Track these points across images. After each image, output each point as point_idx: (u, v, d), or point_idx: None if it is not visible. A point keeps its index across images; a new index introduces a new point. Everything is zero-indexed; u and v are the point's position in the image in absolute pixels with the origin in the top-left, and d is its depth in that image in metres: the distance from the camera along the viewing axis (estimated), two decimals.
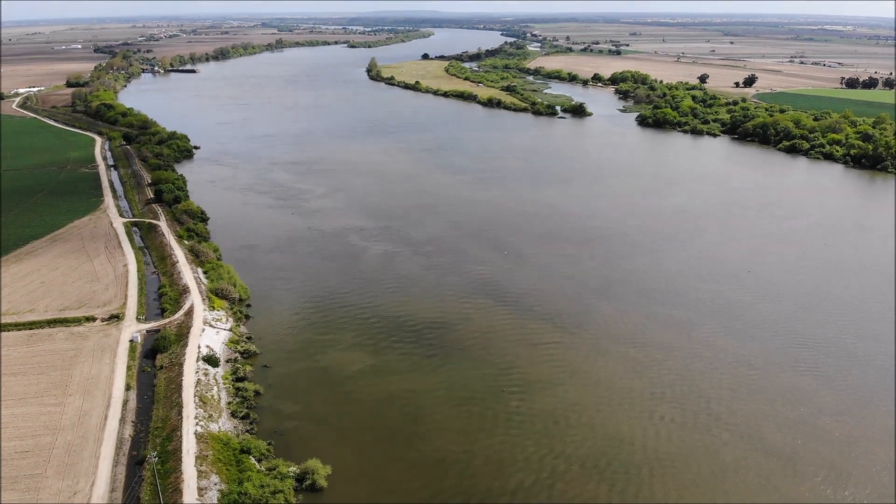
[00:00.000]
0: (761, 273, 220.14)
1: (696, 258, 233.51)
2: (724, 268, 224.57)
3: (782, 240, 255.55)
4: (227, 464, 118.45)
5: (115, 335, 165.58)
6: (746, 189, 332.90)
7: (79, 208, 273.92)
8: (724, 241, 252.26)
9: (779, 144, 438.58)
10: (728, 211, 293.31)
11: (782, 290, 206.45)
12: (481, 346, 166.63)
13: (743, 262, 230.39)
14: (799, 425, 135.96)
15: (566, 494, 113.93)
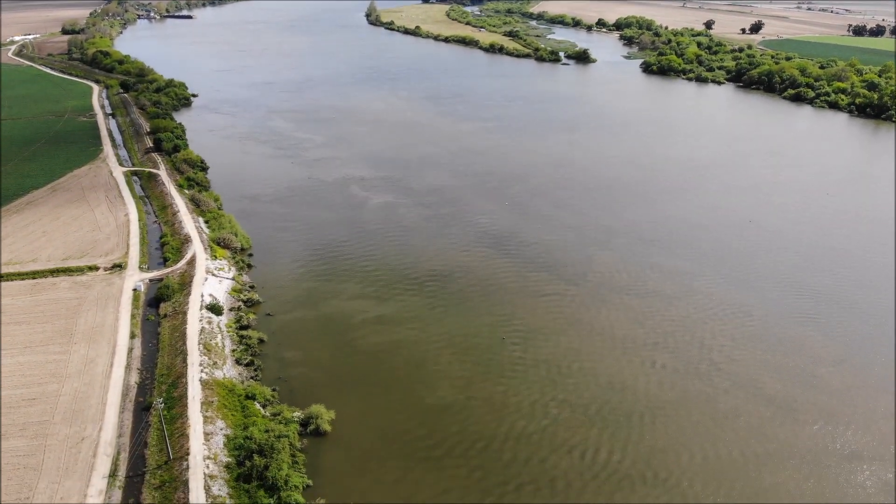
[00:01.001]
0: (763, 223, 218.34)
1: (698, 208, 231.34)
2: (726, 218, 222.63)
3: (785, 189, 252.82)
4: (233, 409, 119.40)
5: (118, 284, 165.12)
6: (750, 138, 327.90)
7: (78, 158, 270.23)
8: (727, 191, 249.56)
9: (784, 93, 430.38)
10: (731, 160, 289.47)
11: (784, 240, 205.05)
12: (482, 296, 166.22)
13: (746, 212, 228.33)
14: (797, 374, 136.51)
15: (565, 440, 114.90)
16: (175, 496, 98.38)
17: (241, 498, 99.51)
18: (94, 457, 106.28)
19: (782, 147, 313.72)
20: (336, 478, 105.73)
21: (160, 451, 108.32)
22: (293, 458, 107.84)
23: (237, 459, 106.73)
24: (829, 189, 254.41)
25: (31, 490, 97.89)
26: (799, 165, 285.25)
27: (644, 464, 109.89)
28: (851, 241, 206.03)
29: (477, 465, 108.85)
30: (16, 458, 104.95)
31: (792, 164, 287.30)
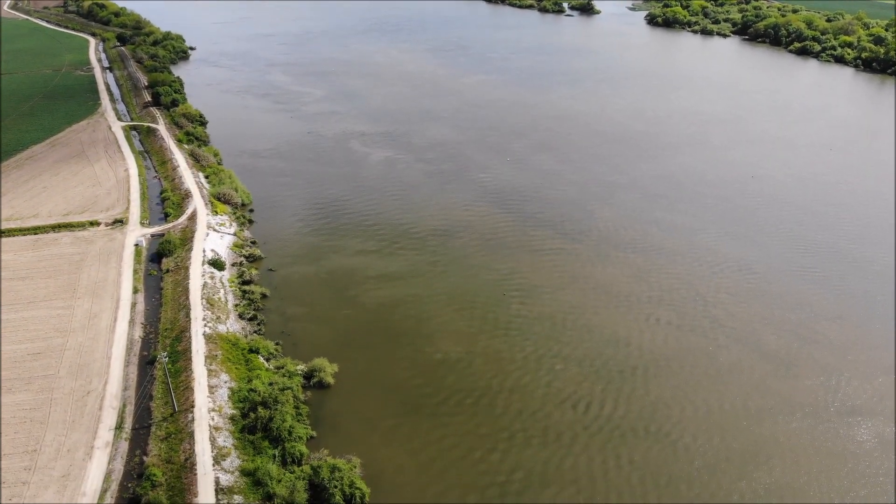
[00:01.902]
0: (767, 178, 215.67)
1: (701, 162, 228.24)
2: (729, 172, 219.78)
3: (789, 144, 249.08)
4: (236, 363, 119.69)
5: (119, 239, 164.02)
6: (755, 92, 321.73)
7: (76, 112, 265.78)
8: (731, 145, 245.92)
9: (790, 46, 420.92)
10: (736, 114, 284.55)
11: (787, 195, 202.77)
12: (484, 252, 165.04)
13: (749, 166, 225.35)
14: (797, 329, 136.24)
15: (564, 393, 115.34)
16: (181, 447, 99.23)
17: (247, 449, 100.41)
18: (100, 410, 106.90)
19: (787, 101, 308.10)
20: (339, 429, 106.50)
21: (165, 404, 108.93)
22: (297, 410, 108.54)
23: (241, 412, 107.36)
24: (833, 144, 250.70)
25: (38, 443, 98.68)
26: (803, 120, 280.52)
27: (642, 417, 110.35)
28: (854, 196, 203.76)
29: (477, 416, 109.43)
30: (22, 411, 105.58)
31: (797, 118, 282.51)
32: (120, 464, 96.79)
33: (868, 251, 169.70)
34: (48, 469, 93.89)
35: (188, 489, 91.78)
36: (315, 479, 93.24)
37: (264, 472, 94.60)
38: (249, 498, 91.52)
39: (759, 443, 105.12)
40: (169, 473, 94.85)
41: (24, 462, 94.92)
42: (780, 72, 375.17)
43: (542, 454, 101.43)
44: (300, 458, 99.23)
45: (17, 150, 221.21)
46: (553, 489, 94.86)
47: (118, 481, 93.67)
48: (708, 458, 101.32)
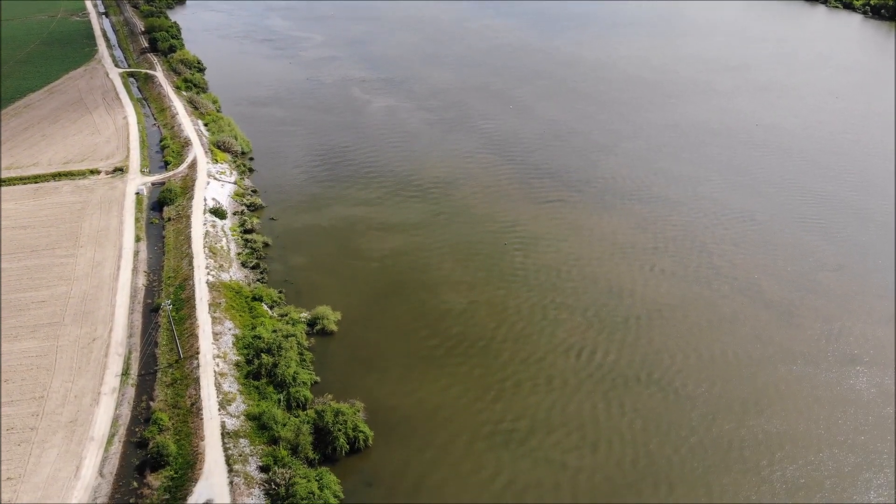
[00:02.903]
0: (772, 127, 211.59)
1: (706, 111, 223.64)
2: (734, 121, 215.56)
3: (795, 92, 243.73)
4: (240, 310, 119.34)
5: (120, 188, 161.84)
6: (762, 39, 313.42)
7: (73, 59, 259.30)
8: (737, 93, 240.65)
9: None
10: (742, 62, 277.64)
11: (791, 145, 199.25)
12: (486, 203, 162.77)
13: (754, 114, 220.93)
14: (798, 279, 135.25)
15: (563, 341, 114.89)
16: (187, 393, 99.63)
17: (252, 394, 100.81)
18: (106, 356, 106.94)
19: (794, 48, 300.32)
20: (342, 375, 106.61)
21: (170, 351, 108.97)
22: (301, 356, 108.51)
23: (246, 358, 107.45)
24: (839, 92, 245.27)
25: (45, 389, 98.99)
26: (810, 67, 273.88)
27: (643, 365, 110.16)
28: (858, 145, 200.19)
29: (477, 363, 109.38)
30: (28, 358, 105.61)
31: (803, 65, 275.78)
32: (127, 409, 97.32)
33: (871, 201, 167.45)
34: (56, 415, 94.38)
35: (195, 433, 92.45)
36: (319, 422, 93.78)
37: (269, 417, 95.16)
38: (255, 441, 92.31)
39: (758, 391, 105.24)
40: (175, 418, 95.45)
41: (32, 408, 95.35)
42: (788, 18, 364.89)
43: (544, 401, 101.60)
44: (305, 403, 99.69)
45: (14, 98, 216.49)
46: (556, 435, 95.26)
47: (125, 426, 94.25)
48: (708, 406, 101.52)
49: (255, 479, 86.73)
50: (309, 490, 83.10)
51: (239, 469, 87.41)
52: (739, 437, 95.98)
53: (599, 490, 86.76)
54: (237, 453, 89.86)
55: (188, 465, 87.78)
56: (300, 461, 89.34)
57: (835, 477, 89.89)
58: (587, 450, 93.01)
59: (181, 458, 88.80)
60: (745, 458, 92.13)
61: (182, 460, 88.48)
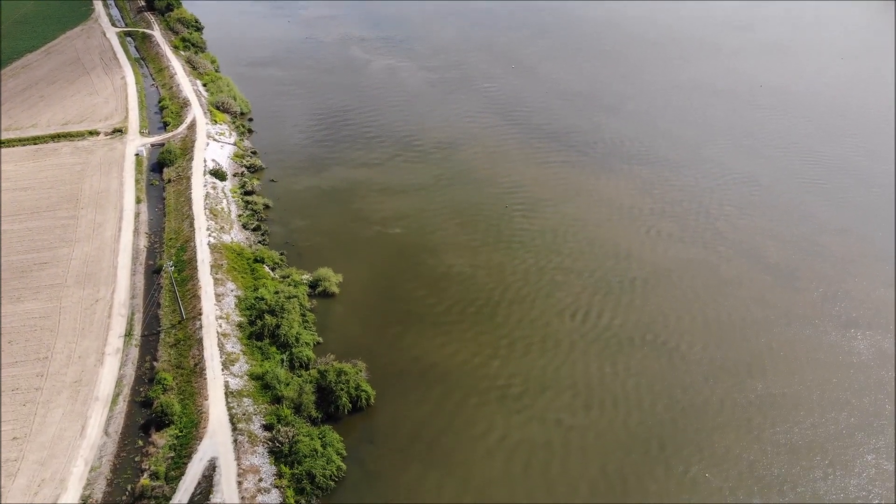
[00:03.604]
0: (777, 89, 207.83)
1: (711, 71, 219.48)
2: (739, 81, 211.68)
3: (801, 52, 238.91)
4: (242, 272, 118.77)
5: (120, 149, 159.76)
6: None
7: (69, 18, 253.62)
8: (742, 53, 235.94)
9: None
10: (749, 22, 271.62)
11: (796, 107, 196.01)
12: (488, 165, 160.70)
13: (759, 75, 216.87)
14: (800, 242, 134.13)
15: (564, 303, 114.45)
16: (190, 353, 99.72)
17: (255, 354, 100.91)
18: (109, 317, 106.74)
19: (801, 10, 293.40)
20: (344, 335, 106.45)
21: (173, 312, 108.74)
22: (303, 317, 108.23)
23: (249, 319, 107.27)
24: (845, 53, 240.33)
25: (50, 350, 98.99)
26: (817, 26, 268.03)
27: (640, 327, 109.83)
28: (864, 108, 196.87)
29: (477, 324, 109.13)
30: (32, 319, 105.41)
31: (810, 24, 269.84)
32: (131, 369, 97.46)
33: (875, 164, 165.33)
34: (60, 375, 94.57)
35: (199, 393, 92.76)
36: (322, 382, 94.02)
37: (273, 376, 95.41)
38: (259, 401, 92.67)
39: (757, 353, 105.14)
40: (179, 378, 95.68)
41: (37, 369, 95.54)
42: None
43: (540, 361, 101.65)
44: (307, 363, 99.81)
45: (12, 58, 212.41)
46: (551, 394, 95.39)
47: (130, 386, 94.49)
48: (705, 367, 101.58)
49: (259, 438, 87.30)
50: (312, 448, 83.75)
51: (243, 428, 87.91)
52: (737, 398, 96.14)
53: (592, 448, 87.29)
54: (241, 412, 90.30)
55: (192, 424, 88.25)
56: (303, 420, 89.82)
57: (833, 438, 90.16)
58: (581, 409, 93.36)
59: (185, 417, 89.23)
60: (742, 420, 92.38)
61: (186, 419, 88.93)
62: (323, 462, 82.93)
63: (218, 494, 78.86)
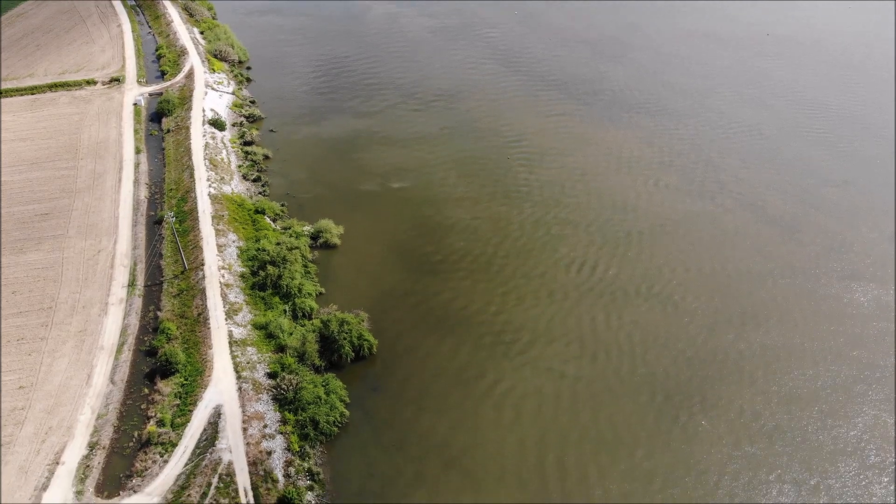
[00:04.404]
0: (783, 38, 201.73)
1: (717, 19, 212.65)
2: (744, 31, 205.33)
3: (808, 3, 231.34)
4: (243, 223, 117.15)
5: (117, 98, 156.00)
6: None
7: None
8: (750, 4, 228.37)
9: None
10: None
11: (802, 57, 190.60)
12: (491, 116, 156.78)
13: (765, 24, 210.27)
14: (803, 194, 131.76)
15: (564, 255, 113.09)
16: (193, 303, 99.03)
17: (258, 304, 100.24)
18: (112, 268, 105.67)
19: None
20: (346, 286, 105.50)
21: (175, 262, 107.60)
22: (305, 268, 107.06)
23: (251, 269, 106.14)
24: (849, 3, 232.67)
25: (54, 300, 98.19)
26: None
27: (640, 278, 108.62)
28: (871, 59, 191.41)
29: (480, 277, 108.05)
30: (35, 270, 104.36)
31: None
32: (135, 319, 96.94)
33: (880, 116, 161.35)
34: (65, 325, 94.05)
35: (203, 342, 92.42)
36: (325, 331, 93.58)
37: (276, 326, 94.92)
38: (262, 349, 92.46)
39: (758, 305, 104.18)
40: (183, 328, 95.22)
41: (41, 319, 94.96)
42: None
43: (545, 313, 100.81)
44: (310, 313, 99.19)
45: (7, 7, 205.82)
46: (556, 346, 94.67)
47: (134, 335, 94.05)
48: (706, 319, 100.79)
49: (263, 385, 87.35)
50: (316, 395, 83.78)
51: (247, 376, 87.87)
52: (737, 349, 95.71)
53: (598, 398, 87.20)
54: (245, 361, 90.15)
55: (197, 372, 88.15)
56: (307, 368, 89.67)
57: (831, 390, 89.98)
58: (586, 360, 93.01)
59: (190, 365, 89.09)
60: (742, 370, 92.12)
61: (191, 368, 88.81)
62: (326, 409, 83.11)
63: (223, 440, 79.29)
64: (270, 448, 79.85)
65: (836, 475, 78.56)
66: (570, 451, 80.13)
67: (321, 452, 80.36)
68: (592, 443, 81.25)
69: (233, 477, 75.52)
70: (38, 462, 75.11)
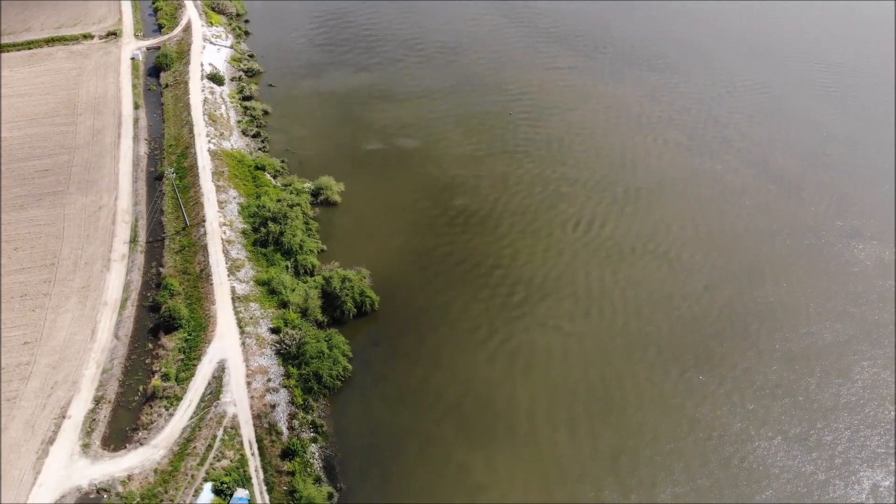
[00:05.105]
0: None
1: None
2: None
3: None
4: (244, 179, 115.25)
5: (115, 53, 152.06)
6: None
7: None
8: None
9: None
10: None
11: (812, 10, 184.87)
12: (493, 70, 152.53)
13: None
14: (808, 152, 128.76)
15: (566, 213, 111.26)
16: (195, 259, 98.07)
17: (260, 261, 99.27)
18: (114, 224, 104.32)
19: None
20: (347, 243, 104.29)
21: (176, 219, 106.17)
22: (306, 225, 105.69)
23: (252, 226, 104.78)
24: None
25: (56, 256, 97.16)
26: None
27: (643, 236, 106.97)
28: (879, 9, 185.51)
29: (479, 233, 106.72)
30: (37, 227, 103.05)
31: None
32: (137, 275, 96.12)
33: (888, 72, 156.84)
34: (68, 281, 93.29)
35: (206, 298, 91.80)
36: (327, 288, 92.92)
37: (279, 282, 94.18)
38: (265, 305, 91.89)
39: (759, 263, 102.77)
40: (186, 283, 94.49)
41: (44, 275, 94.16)
42: None
43: (541, 270, 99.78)
44: (312, 270, 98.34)
45: None
46: (551, 301, 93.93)
47: (137, 291, 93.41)
48: (707, 277, 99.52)
49: (267, 340, 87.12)
50: (319, 349, 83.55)
51: (250, 331, 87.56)
52: (736, 306, 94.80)
53: (594, 354, 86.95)
54: (248, 316, 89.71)
55: (201, 327, 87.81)
56: (310, 324, 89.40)
57: (831, 347, 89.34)
58: (584, 316, 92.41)
59: (193, 321, 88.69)
60: (740, 327, 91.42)
61: (194, 323, 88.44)
62: (329, 363, 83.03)
63: (228, 394, 79.39)
64: (274, 401, 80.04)
65: (834, 432, 78.59)
66: (563, 405, 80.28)
67: (324, 406, 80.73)
68: (587, 398, 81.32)
69: (237, 430, 75.91)
70: (45, 416, 75.41)
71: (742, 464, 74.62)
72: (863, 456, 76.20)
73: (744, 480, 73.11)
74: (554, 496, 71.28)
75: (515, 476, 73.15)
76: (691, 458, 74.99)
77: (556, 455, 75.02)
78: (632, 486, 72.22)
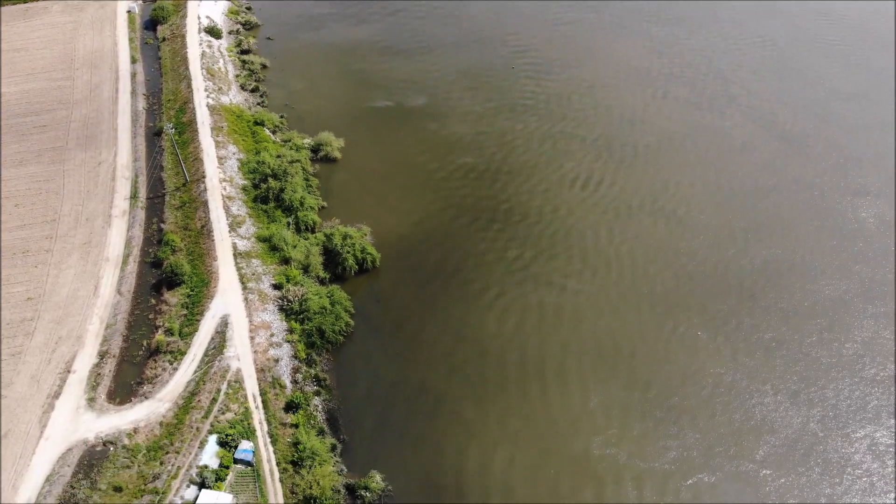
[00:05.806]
0: None
1: None
2: None
3: None
4: (243, 135, 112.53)
5: (111, 6, 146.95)
6: None
7: None
8: None
9: None
10: None
11: None
12: (497, 24, 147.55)
13: None
14: (813, 108, 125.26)
15: (569, 171, 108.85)
16: (196, 215, 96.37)
17: (261, 217, 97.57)
18: (114, 180, 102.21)
19: None
20: (347, 200, 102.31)
21: (176, 174, 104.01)
22: (307, 181, 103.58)
23: (252, 182, 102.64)
24: None
25: (57, 212, 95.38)
26: None
27: (644, 193, 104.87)
28: None
29: (483, 194, 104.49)
30: (37, 183, 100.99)
31: None
32: (139, 231, 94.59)
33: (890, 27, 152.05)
34: (69, 237, 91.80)
35: (207, 254, 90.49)
36: (328, 244, 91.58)
37: (280, 238, 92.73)
38: (267, 261, 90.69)
39: (763, 220, 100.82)
40: (187, 240, 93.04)
41: (45, 231, 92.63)
42: None
43: (547, 229, 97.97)
44: (313, 227, 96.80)
45: None
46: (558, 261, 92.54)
47: (139, 247, 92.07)
48: (711, 234, 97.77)
49: (269, 296, 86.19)
50: (321, 305, 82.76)
51: (253, 287, 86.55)
52: (738, 263, 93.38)
53: (598, 311, 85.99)
54: (250, 272, 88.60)
55: (203, 283, 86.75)
56: (312, 280, 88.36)
57: (831, 304, 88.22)
58: (588, 274, 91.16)
59: (196, 277, 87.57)
60: (741, 284, 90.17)
61: (197, 279, 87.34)
62: (332, 318, 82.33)
63: (231, 348, 78.82)
64: (278, 356, 79.56)
65: (832, 388, 78.08)
66: (571, 361, 79.64)
67: (327, 360, 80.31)
68: (592, 353, 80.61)
69: (241, 383, 75.57)
70: (50, 371, 74.98)
71: (744, 419, 74.33)
72: (861, 412, 75.81)
73: (747, 434, 72.89)
74: (551, 447, 71.34)
75: (507, 424, 73.26)
76: (698, 411, 74.75)
77: (547, 408, 74.85)
78: (635, 437, 72.10)
